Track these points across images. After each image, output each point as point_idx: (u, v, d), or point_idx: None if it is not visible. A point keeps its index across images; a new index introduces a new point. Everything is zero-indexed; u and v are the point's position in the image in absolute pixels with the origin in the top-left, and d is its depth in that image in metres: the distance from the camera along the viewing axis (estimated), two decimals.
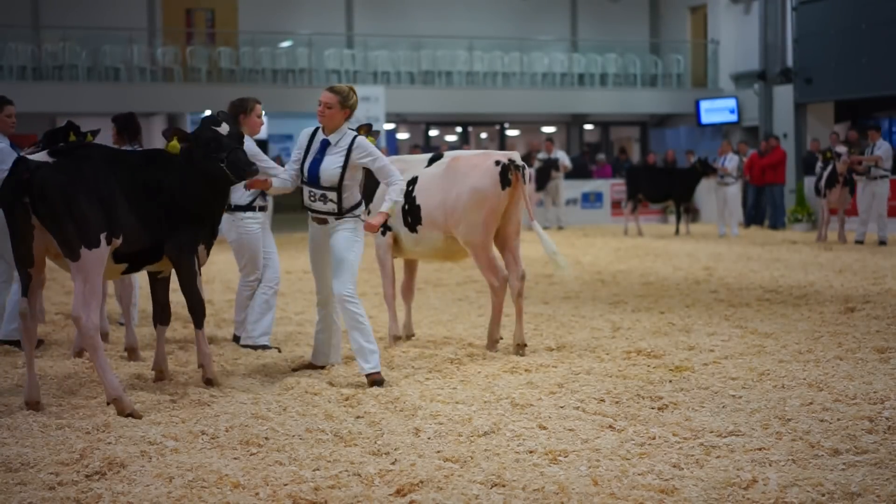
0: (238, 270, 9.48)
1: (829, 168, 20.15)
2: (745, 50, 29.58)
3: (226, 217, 9.26)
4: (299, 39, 29.37)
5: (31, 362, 6.96)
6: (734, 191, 23.53)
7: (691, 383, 7.47)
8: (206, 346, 7.76)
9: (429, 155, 9.59)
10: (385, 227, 9.42)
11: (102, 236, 6.78)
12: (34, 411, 6.77)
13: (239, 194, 9.16)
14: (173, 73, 27.43)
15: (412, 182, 9.30)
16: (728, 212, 23.31)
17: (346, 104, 7.77)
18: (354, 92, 7.84)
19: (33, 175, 6.63)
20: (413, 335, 9.77)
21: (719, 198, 23.55)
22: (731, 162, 23.47)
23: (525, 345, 8.89)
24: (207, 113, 23.98)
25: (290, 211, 27.33)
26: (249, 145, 9.16)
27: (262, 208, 9.39)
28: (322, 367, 8.19)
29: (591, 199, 28.47)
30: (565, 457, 5.63)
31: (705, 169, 23.95)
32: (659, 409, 6.72)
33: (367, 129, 9.65)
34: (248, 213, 9.28)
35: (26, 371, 6.97)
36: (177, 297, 11.31)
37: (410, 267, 9.90)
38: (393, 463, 5.55)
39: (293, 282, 14.91)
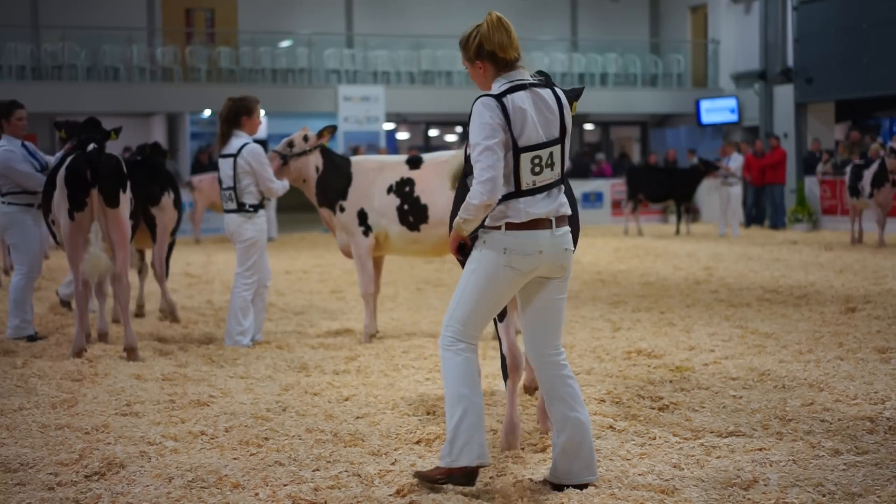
0: (239, 272, 9.41)
1: (876, 166, 18.98)
2: (746, 50, 29.57)
3: (238, 217, 9.26)
4: (299, 39, 29.36)
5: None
6: (738, 191, 23.48)
7: (691, 383, 7.46)
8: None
9: (402, 157, 9.80)
10: (367, 228, 9.56)
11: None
12: None
13: (253, 193, 9.21)
14: (173, 73, 27.41)
15: (407, 183, 9.44)
16: (730, 212, 23.28)
17: (468, 56, 5.18)
18: (478, 29, 5.17)
19: None
20: (377, 332, 9.87)
21: (722, 197, 23.48)
22: (734, 162, 23.44)
23: None
24: (207, 112, 23.72)
25: (289, 211, 27.33)
26: (258, 150, 9.19)
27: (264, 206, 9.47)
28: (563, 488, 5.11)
29: (591, 199, 28.47)
30: None
31: (707, 168, 23.95)
32: (659, 409, 6.71)
33: (331, 131, 9.77)
34: (261, 212, 9.33)
35: None
36: (181, 300, 11.28)
37: (377, 266, 9.98)
38: (393, 463, 5.54)
39: (293, 282, 14.90)
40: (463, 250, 5.07)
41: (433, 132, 34.99)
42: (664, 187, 24.40)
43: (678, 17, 33.20)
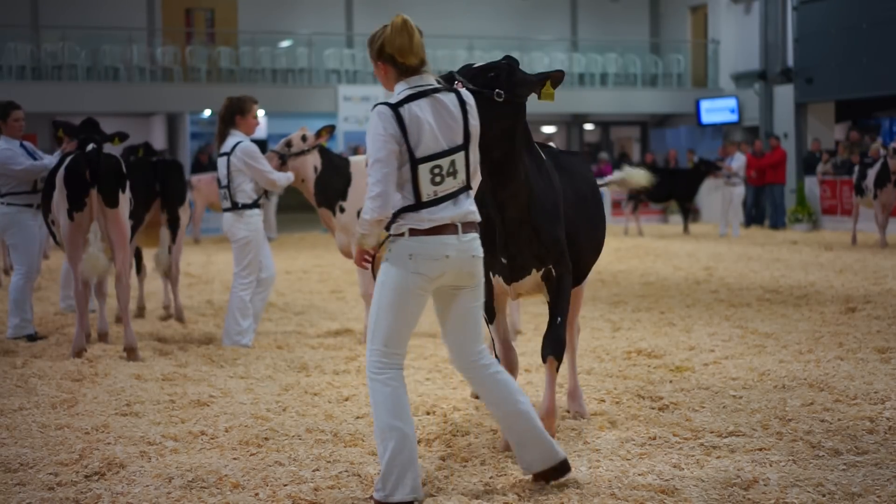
0: (237, 272, 9.39)
1: (879, 166, 18.76)
2: (746, 50, 29.57)
3: (231, 216, 9.26)
4: (299, 39, 29.35)
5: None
6: (741, 191, 23.41)
7: (691, 383, 7.46)
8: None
9: None
10: None
11: None
12: None
13: (246, 192, 9.19)
14: (173, 73, 27.40)
15: None
16: (732, 212, 23.25)
17: (371, 55, 5.07)
18: (384, 30, 5.02)
19: None
20: None
21: (725, 197, 23.44)
22: (737, 161, 23.37)
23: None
24: (207, 112, 23.58)
25: (289, 211, 27.32)
26: (250, 147, 9.20)
27: (261, 205, 9.44)
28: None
29: None
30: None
31: (707, 168, 23.93)
32: (659, 409, 6.71)
33: (329, 131, 9.75)
34: (255, 210, 9.31)
35: None
36: (181, 300, 11.29)
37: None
38: None
39: (293, 282, 14.90)
40: (372, 262, 4.99)
41: None
42: (666, 187, 24.35)
43: (678, 17, 33.20)
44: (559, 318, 5.75)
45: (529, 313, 10.93)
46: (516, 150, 5.38)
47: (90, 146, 8.75)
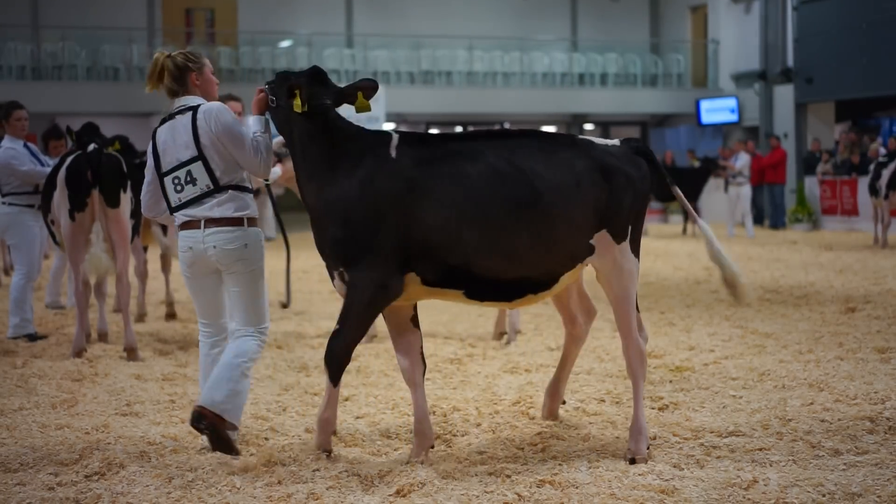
0: None
1: (893, 167, 18.68)
2: (746, 50, 29.58)
3: None
4: (299, 39, 29.35)
5: None
6: (747, 191, 23.34)
7: (691, 383, 7.46)
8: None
9: None
10: None
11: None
12: None
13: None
14: None
15: None
16: (740, 211, 23.21)
17: None
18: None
19: None
20: (375, 335, 9.82)
21: (731, 198, 23.40)
22: (741, 161, 23.32)
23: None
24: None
25: (289, 211, 27.30)
26: None
27: None
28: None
29: None
30: (566, 457, 5.62)
31: (708, 166, 23.94)
32: (659, 409, 6.71)
33: None
34: None
35: None
36: (180, 299, 11.28)
37: None
38: (393, 463, 5.54)
39: (293, 281, 14.87)
40: None
41: (433, 132, 35.03)
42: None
43: (678, 17, 33.21)
44: (337, 327, 5.54)
45: (530, 313, 10.92)
46: (296, 151, 5.67)
47: (91, 146, 8.74)
